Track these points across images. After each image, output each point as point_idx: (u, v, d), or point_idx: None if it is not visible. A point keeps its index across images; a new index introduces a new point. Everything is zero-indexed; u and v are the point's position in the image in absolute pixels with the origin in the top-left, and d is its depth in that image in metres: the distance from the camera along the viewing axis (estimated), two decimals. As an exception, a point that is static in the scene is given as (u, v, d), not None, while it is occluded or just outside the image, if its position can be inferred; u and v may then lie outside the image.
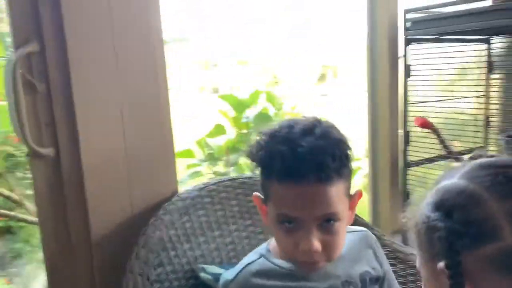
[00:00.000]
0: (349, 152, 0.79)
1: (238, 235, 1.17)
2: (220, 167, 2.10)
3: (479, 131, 1.86)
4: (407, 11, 1.59)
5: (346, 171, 0.78)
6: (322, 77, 2.49)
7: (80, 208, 1.02)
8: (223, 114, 2.15)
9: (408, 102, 1.64)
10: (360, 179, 2.07)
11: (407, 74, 1.60)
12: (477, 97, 1.86)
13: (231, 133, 2.09)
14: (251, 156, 0.83)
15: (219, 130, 2.06)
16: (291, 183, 0.75)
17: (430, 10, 1.59)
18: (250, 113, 1.85)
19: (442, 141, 1.58)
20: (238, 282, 0.86)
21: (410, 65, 1.60)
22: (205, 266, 1.04)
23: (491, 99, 1.88)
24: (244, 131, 1.88)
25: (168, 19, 1.17)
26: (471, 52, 1.78)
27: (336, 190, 0.77)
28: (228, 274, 0.89)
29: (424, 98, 1.62)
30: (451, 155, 1.63)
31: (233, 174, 1.92)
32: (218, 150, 2.00)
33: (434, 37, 1.59)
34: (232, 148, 1.88)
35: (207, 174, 2.07)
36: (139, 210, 1.09)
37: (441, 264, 0.52)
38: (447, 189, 0.56)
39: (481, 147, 1.82)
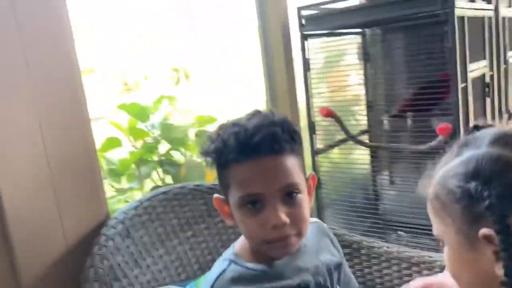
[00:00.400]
0: (296, 129, 0.83)
1: (182, 249, 1.12)
2: (124, 183, 1.96)
3: (364, 114, 2.05)
4: (300, 9, 1.67)
5: (296, 147, 0.82)
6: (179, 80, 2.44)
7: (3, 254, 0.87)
8: (116, 125, 2.01)
9: (311, 94, 1.72)
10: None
11: (307, 68, 1.69)
12: (359, 84, 2.04)
13: (131, 144, 1.97)
14: (204, 152, 0.83)
15: (112, 143, 1.92)
16: (248, 160, 0.77)
17: (321, 6, 1.69)
18: (155, 120, 1.76)
19: (343, 127, 1.70)
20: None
21: (309, 59, 1.68)
22: (161, 288, 0.97)
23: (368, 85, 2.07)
24: (150, 140, 1.78)
25: None
26: (354, 44, 1.95)
27: (291, 163, 0.80)
28: None
29: (323, 89, 1.72)
30: (351, 138, 1.76)
31: (143, 188, 1.81)
32: (120, 164, 1.86)
33: (326, 32, 1.70)
34: (141, 160, 1.77)
35: (108, 192, 1.92)
36: (75, 240, 0.97)
37: (485, 230, 0.54)
38: (479, 159, 0.58)
39: (369, 127, 2.00)
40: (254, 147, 0.77)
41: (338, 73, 1.91)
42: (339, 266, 0.94)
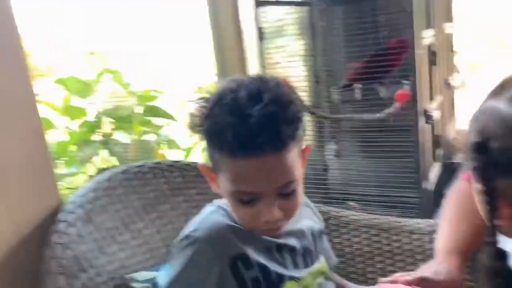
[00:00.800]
0: (300, 112, 0.76)
1: (148, 232, 1.03)
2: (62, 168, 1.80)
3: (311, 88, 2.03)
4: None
5: (299, 133, 0.76)
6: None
7: None
8: (48, 104, 1.83)
9: (264, 65, 1.67)
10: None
11: (260, 37, 1.62)
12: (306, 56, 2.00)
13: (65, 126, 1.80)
14: (193, 126, 0.76)
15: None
16: (246, 157, 0.70)
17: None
18: (96, 97, 1.62)
19: (299, 99, 1.67)
20: (208, 225, 0.79)
21: (261, 27, 1.62)
22: (133, 275, 0.88)
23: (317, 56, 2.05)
24: (91, 119, 1.64)
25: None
26: (300, 15, 1.90)
27: (292, 155, 0.74)
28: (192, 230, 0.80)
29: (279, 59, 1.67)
30: (306, 110, 1.74)
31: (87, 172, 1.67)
32: (58, 147, 1.70)
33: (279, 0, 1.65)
34: (82, 142, 1.63)
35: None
36: (26, 229, 0.85)
37: (477, 186, 0.54)
38: (489, 114, 0.57)
39: (319, 99, 1.99)
40: (255, 147, 0.69)
41: (286, 44, 1.87)
42: (321, 233, 0.94)
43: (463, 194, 1.01)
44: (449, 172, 2.08)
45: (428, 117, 1.53)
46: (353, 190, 1.80)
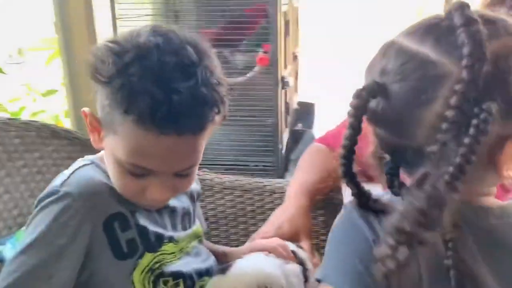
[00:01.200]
0: (224, 94, 0.68)
1: None
2: None
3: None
4: None
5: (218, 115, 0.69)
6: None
7: None
8: None
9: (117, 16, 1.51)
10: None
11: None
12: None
13: None
14: (96, 73, 0.64)
15: None
16: (158, 134, 0.63)
17: None
18: None
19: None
20: (75, 179, 0.70)
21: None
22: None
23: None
24: None
25: None
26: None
27: (204, 137, 0.69)
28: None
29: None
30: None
31: None
32: None
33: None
34: None
35: None
36: None
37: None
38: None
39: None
40: (175, 126, 0.63)
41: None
42: (199, 196, 0.93)
43: (316, 151, 1.11)
44: (294, 138, 2.22)
45: (285, 84, 1.58)
46: (210, 157, 1.78)
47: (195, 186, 0.89)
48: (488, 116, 0.47)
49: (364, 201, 0.58)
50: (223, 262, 0.89)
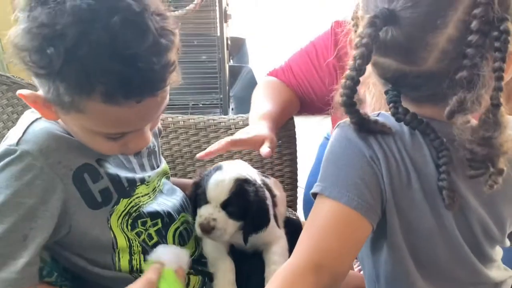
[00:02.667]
0: (174, 26, 0.64)
1: None
2: None
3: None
4: None
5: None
6: None
7: None
8: None
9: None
10: None
11: None
12: None
13: None
14: (33, 65, 0.57)
15: None
16: (132, 104, 0.60)
17: None
18: None
19: None
20: (32, 136, 0.66)
21: None
22: None
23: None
24: None
25: None
26: None
27: (167, 91, 0.67)
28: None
29: None
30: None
31: None
32: None
33: None
34: None
35: None
36: None
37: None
38: None
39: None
40: (139, 93, 0.60)
41: None
42: (160, 132, 0.94)
43: (271, 85, 1.12)
44: (232, 74, 2.20)
45: (227, 16, 1.54)
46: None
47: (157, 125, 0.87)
48: (508, 37, 0.50)
49: (364, 125, 0.60)
50: (188, 194, 0.91)
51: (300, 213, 1.28)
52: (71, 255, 0.71)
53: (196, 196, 0.79)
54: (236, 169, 0.79)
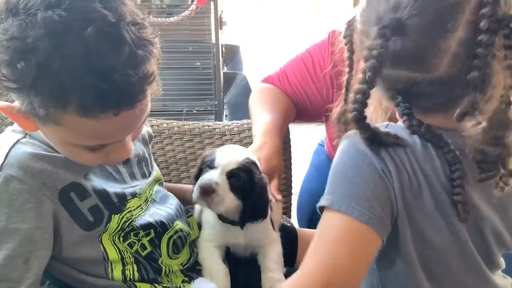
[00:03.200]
0: (152, 35, 0.62)
1: None
2: None
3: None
4: None
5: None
6: None
7: None
8: None
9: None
10: None
11: None
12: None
13: None
14: (5, 79, 0.55)
15: None
16: (110, 116, 0.58)
17: None
18: None
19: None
20: (15, 160, 0.63)
21: None
22: None
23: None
24: None
25: None
26: None
27: (147, 102, 0.65)
28: None
29: None
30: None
31: None
32: None
33: None
34: None
35: None
36: None
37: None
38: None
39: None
40: (117, 104, 0.57)
41: None
42: (151, 138, 0.91)
43: (268, 92, 1.11)
44: (226, 81, 2.20)
45: (222, 23, 1.54)
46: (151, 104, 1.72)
47: (145, 129, 0.86)
48: None
49: (376, 138, 0.59)
50: (183, 199, 0.90)
51: (294, 220, 1.28)
52: (62, 266, 0.70)
53: (202, 166, 0.78)
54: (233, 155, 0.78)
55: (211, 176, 0.74)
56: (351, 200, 0.58)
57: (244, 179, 0.75)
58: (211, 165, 0.76)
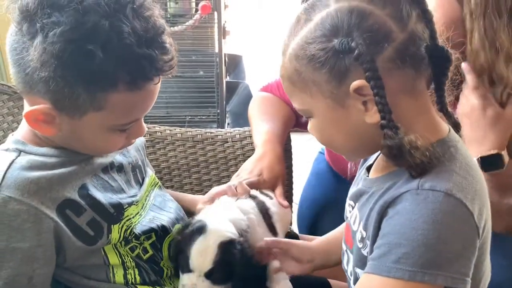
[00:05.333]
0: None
1: None
2: None
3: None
4: None
5: None
6: None
7: None
8: None
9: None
10: None
11: None
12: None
13: None
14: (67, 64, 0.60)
15: None
16: (151, 86, 0.66)
17: None
18: None
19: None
20: (12, 181, 0.65)
21: None
22: None
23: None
24: None
25: None
26: None
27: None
28: None
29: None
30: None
31: None
32: None
33: None
34: None
35: None
36: None
37: (357, 82, 0.55)
38: (333, 16, 0.56)
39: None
40: (162, 71, 0.66)
41: None
42: (144, 145, 0.93)
43: (267, 101, 1.14)
44: (229, 90, 2.23)
45: (225, 33, 1.57)
46: (154, 112, 1.74)
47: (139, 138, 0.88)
48: None
49: None
50: (185, 207, 0.92)
51: (294, 228, 1.29)
52: (63, 271, 0.71)
53: (178, 258, 0.76)
54: (221, 227, 0.75)
55: (190, 282, 0.73)
56: None
57: (224, 270, 0.73)
58: (186, 267, 0.74)
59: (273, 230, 0.85)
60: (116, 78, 0.62)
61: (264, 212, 0.86)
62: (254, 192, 0.90)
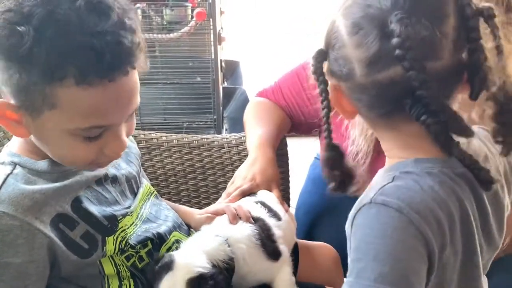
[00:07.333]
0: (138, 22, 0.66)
1: None
2: None
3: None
4: None
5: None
6: None
7: None
8: None
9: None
10: None
11: None
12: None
13: None
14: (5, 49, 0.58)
15: None
16: (105, 83, 0.60)
17: None
18: None
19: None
20: (6, 196, 0.65)
21: None
22: None
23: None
24: None
25: None
26: None
27: (137, 76, 0.67)
28: None
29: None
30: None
31: None
32: None
33: None
34: None
35: None
36: None
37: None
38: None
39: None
40: (119, 69, 0.60)
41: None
42: (139, 156, 0.92)
43: (262, 106, 1.15)
44: (226, 95, 2.23)
45: (221, 39, 1.57)
46: (151, 118, 1.74)
47: (132, 146, 0.89)
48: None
49: None
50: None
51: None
52: (59, 281, 0.71)
53: None
54: (191, 260, 0.71)
55: None
56: None
57: None
58: None
59: (275, 253, 0.81)
60: (61, 68, 0.58)
61: (265, 238, 0.81)
62: (260, 213, 0.86)
